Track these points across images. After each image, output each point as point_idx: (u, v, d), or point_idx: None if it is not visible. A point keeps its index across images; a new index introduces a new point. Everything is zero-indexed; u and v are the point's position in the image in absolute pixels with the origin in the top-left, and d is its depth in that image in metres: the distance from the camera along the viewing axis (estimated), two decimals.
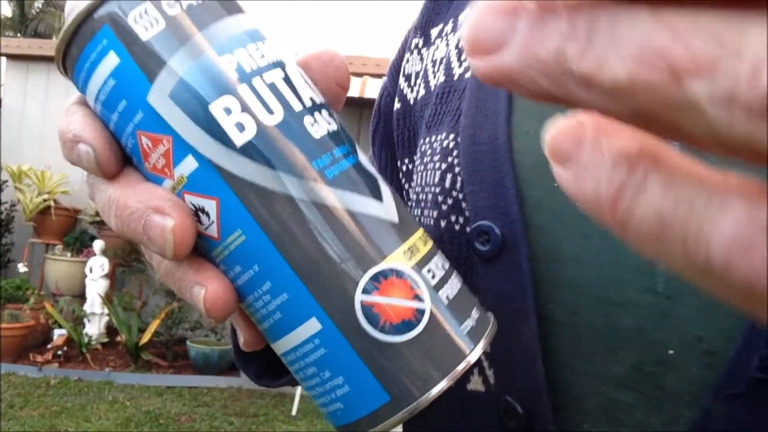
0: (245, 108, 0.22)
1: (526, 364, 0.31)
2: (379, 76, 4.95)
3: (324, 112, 0.24)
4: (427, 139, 0.40)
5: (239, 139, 0.22)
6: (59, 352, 4.54)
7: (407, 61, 0.46)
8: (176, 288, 0.25)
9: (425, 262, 0.23)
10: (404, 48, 0.48)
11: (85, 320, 4.88)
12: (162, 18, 0.22)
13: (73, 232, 5.66)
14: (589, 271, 0.29)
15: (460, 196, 0.35)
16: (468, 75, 0.37)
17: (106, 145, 0.24)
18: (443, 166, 0.36)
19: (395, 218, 0.23)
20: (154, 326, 4.69)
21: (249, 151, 0.22)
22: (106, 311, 4.88)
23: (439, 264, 0.24)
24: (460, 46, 0.39)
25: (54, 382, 4.16)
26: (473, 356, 0.23)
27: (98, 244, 5.05)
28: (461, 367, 0.22)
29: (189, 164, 0.22)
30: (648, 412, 0.28)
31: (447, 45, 0.41)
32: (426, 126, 0.40)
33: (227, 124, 0.22)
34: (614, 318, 0.29)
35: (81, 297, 5.05)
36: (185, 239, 0.22)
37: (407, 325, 0.22)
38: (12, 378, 4.16)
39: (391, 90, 0.48)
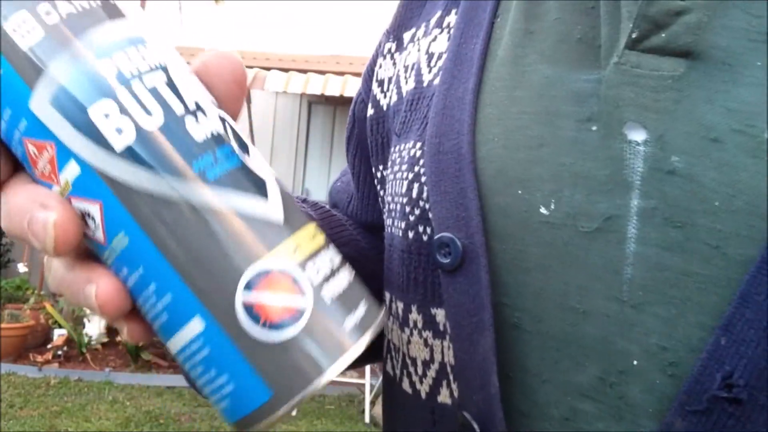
0: (124, 111, 0.22)
1: (482, 378, 0.30)
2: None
3: (209, 113, 0.24)
4: (397, 147, 0.39)
5: (119, 142, 0.22)
6: (59, 352, 4.54)
7: (380, 66, 0.46)
8: (69, 293, 0.25)
9: (310, 258, 0.24)
10: (377, 53, 0.47)
11: (85, 320, 4.88)
12: (40, 26, 0.22)
13: None
14: (553, 278, 0.29)
15: (427, 206, 0.34)
16: (437, 81, 0.37)
17: None
18: (410, 175, 0.36)
19: (280, 216, 0.24)
20: None
21: (129, 154, 0.22)
22: None
23: (326, 259, 0.25)
24: (429, 51, 0.39)
25: (54, 382, 4.16)
26: (353, 352, 0.23)
27: None
28: (340, 362, 0.23)
29: (72, 169, 0.23)
30: (610, 423, 0.27)
31: (418, 50, 0.40)
32: (396, 134, 0.40)
33: (106, 128, 0.22)
34: (579, 326, 0.28)
35: None
36: (67, 234, 0.23)
37: (287, 323, 0.22)
38: (12, 378, 4.16)
39: (365, 96, 0.48)
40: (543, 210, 0.29)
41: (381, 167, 0.44)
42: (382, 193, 0.44)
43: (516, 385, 0.30)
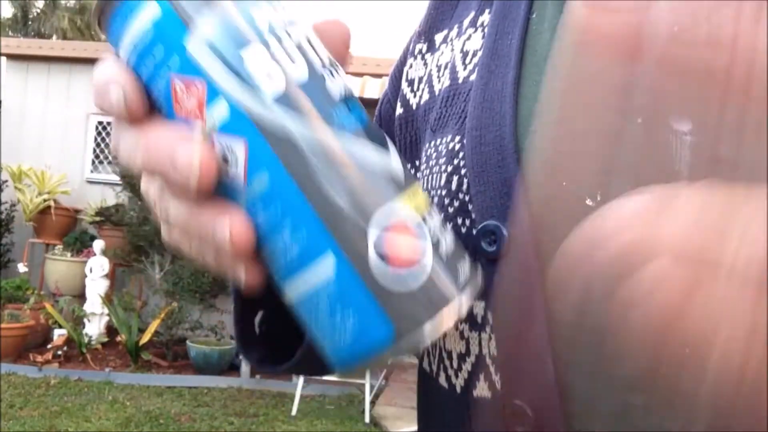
0: (274, 59, 0.24)
1: (535, 366, 0.30)
2: (379, 76, 4.95)
3: (339, 71, 0.27)
4: (432, 143, 0.39)
5: (269, 87, 0.24)
6: (59, 352, 4.54)
7: (410, 66, 0.46)
8: (196, 232, 0.26)
9: (427, 210, 0.26)
10: (407, 53, 0.47)
11: (85, 320, 4.89)
12: None
13: (73, 232, 5.66)
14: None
15: (467, 198, 0.35)
16: (473, 77, 0.37)
17: (136, 89, 0.25)
18: (449, 168, 0.36)
19: (400, 170, 0.26)
20: (154, 326, 4.70)
21: (278, 99, 0.24)
22: (106, 311, 4.88)
23: (435, 213, 0.27)
24: (464, 49, 0.39)
25: (54, 382, 4.16)
26: (464, 301, 0.25)
27: (98, 244, 5.05)
28: (452, 308, 0.25)
29: (221, 108, 0.24)
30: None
31: (452, 50, 0.41)
32: (431, 129, 0.40)
33: (258, 72, 0.24)
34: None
35: (81, 297, 5.05)
36: (210, 169, 0.24)
37: (412, 266, 0.24)
38: (12, 378, 4.16)
39: (392, 96, 0.48)
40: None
41: (408, 166, 0.45)
42: None
43: (564, 383, 0.30)
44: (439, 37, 0.44)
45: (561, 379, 0.30)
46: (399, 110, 0.46)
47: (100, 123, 6.09)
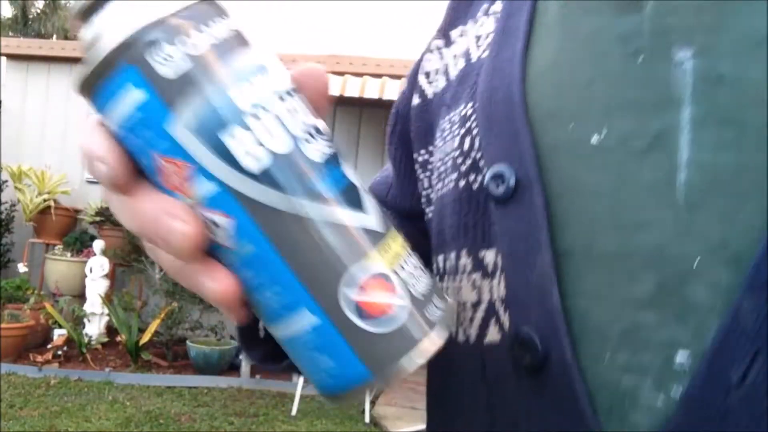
0: (256, 137, 0.26)
1: (541, 294, 0.31)
2: (379, 76, 4.95)
3: (321, 132, 0.28)
4: (446, 117, 0.42)
5: (252, 165, 0.25)
6: (59, 352, 4.54)
7: (427, 60, 0.49)
8: (186, 283, 0.28)
9: (401, 260, 0.28)
10: (425, 51, 0.50)
11: (85, 320, 4.89)
12: (185, 59, 0.25)
13: (73, 232, 5.66)
14: (606, 200, 0.30)
15: (478, 156, 0.37)
16: (485, 55, 0.39)
17: (122, 163, 0.26)
18: (462, 131, 0.39)
19: (376, 224, 0.28)
20: (154, 326, 4.70)
21: (260, 176, 0.25)
22: (106, 311, 4.88)
23: (412, 261, 0.29)
24: (477, 35, 0.42)
25: (54, 382, 4.16)
26: (437, 339, 0.27)
27: (98, 244, 5.05)
28: (425, 347, 0.27)
29: (206, 186, 0.26)
30: (673, 328, 0.28)
31: (467, 39, 0.44)
32: (446, 106, 0.43)
33: (240, 152, 0.25)
34: (633, 240, 0.29)
35: (81, 297, 5.06)
36: (197, 243, 0.26)
37: (384, 317, 0.27)
38: (12, 378, 4.16)
39: (408, 92, 0.51)
40: (594, 138, 0.31)
41: (422, 151, 0.47)
42: (422, 176, 0.47)
43: (571, 309, 0.31)
44: (455, 33, 0.46)
45: (570, 309, 0.31)
46: (416, 101, 0.48)
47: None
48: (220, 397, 4.16)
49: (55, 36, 14.79)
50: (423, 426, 0.47)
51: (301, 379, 3.94)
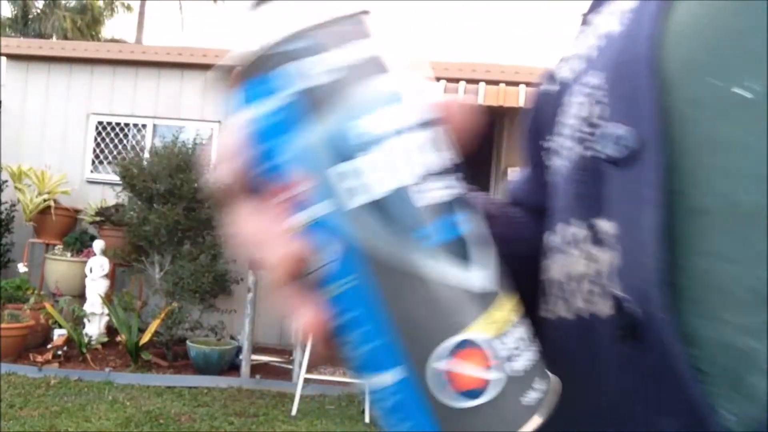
0: (370, 171, 0.25)
1: (644, 254, 0.30)
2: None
3: (444, 174, 0.27)
4: (576, 87, 0.41)
5: (362, 198, 0.25)
6: (59, 352, 4.54)
7: (567, 48, 0.49)
8: (282, 301, 0.28)
9: (503, 335, 0.26)
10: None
11: (85, 320, 4.89)
12: (324, 74, 0.25)
13: (73, 232, 5.66)
14: (750, 154, 0.29)
15: (599, 122, 0.36)
16: (624, 28, 0.39)
17: (242, 174, 0.27)
18: (586, 100, 0.38)
19: (482, 288, 0.26)
20: (154, 326, 4.70)
21: (370, 209, 0.25)
22: (106, 311, 4.88)
23: (516, 336, 0.27)
24: (620, 10, 0.41)
25: (54, 382, 4.16)
26: (528, 427, 0.25)
27: (98, 244, 5.05)
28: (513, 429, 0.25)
29: (315, 210, 0.25)
30: None
31: (608, 18, 0.43)
32: (580, 84, 0.42)
33: (354, 183, 0.25)
34: None
35: (81, 297, 5.06)
36: (298, 269, 0.26)
37: (472, 393, 0.25)
38: (12, 378, 4.16)
39: (546, 84, 0.51)
40: (742, 89, 0.30)
41: (548, 137, 0.47)
42: (548, 162, 0.47)
43: (689, 269, 0.30)
44: (594, 16, 0.46)
45: (685, 266, 0.30)
46: (550, 88, 0.48)
47: (100, 123, 6.09)
48: (220, 397, 4.16)
49: (55, 36, 14.79)
50: None
51: (301, 379, 3.94)
